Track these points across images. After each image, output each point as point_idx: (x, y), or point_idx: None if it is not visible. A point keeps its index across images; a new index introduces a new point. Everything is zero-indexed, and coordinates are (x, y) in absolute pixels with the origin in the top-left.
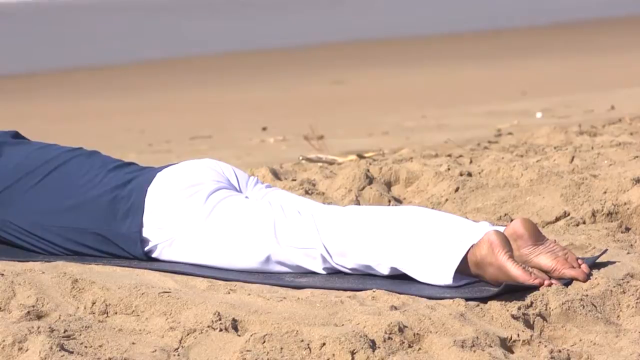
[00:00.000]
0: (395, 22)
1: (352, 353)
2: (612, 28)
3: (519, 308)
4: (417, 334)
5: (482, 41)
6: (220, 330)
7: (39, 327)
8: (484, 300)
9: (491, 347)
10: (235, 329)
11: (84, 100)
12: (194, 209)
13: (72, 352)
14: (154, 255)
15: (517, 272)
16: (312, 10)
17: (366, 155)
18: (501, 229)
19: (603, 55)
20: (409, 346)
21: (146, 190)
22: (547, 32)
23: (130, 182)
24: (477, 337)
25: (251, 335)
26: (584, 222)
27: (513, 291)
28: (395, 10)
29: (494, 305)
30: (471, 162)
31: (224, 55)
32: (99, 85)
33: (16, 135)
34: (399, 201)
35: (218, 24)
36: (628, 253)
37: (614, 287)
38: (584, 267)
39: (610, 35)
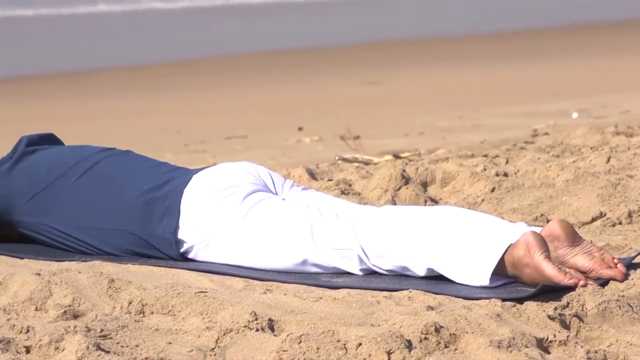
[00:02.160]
0: (431, 22)
1: (389, 353)
2: None
3: (556, 308)
4: (454, 334)
5: (517, 41)
6: (257, 330)
7: (75, 327)
8: (521, 300)
9: (527, 347)
10: (272, 329)
11: (119, 99)
12: (230, 210)
13: (108, 352)
14: (190, 256)
15: (553, 273)
16: (347, 9)
17: (402, 155)
18: (538, 229)
19: (638, 55)
20: (445, 346)
21: (182, 192)
22: (581, 32)
23: (166, 184)
24: (514, 338)
25: (287, 335)
26: (620, 223)
27: (549, 292)
28: (430, 10)
29: (531, 305)
30: (507, 162)
31: (260, 55)
32: (134, 85)
33: (52, 138)
34: (435, 201)
35: (254, 24)
36: None
37: None
38: (621, 267)
39: None
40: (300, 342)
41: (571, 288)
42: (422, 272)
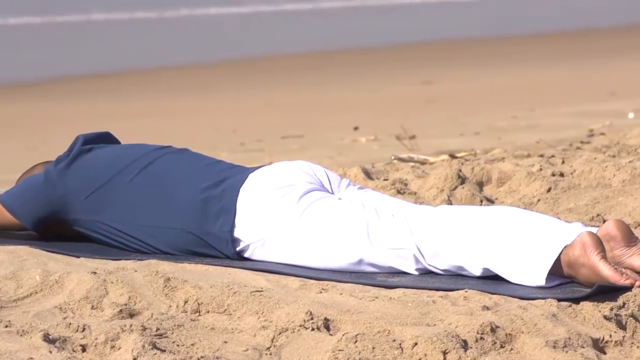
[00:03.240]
0: (484, 21)
1: (444, 353)
2: None
3: (612, 309)
4: (509, 334)
5: (573, 41)
6: (313, 329)
7: (131, 326)
8: (576, 301)
9: (583, 347)
10: (327, 328)
11: (175, 98)
12: (286, 209)
13: (164, 351)
14: (246, 255)
15: (609, 273)
16: (401, 11)
17: (458, 155)
18: (594, 230)
19: None
20: (501, 346)
21: (239, 191)
22: (638, 31)
23: (222, 182)
24: (569, 338)
25: (343, 335)
26: None
27: (605, 292)
28: (484, 9)
29: (586, 306)
30: (563, 162)
31: (316, 54)
32: (191, 84)
33: (108, 136)
34: (491, 201)
35: (311, 25)
36: None
37: None
38: None
39: None
40: (356, 341)
41: (627, 288)
42: (477, 272)
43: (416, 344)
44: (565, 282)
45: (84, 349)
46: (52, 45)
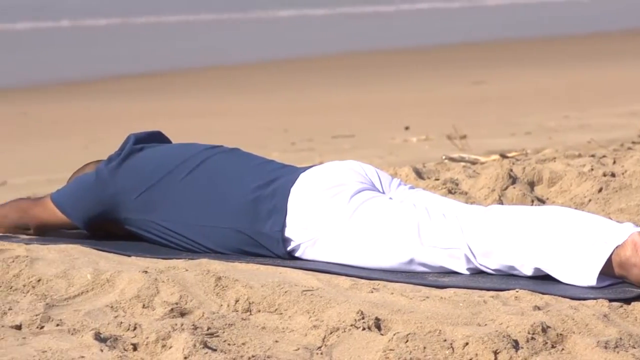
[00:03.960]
0: (535, 21)
1: (495, 353)
2: None
3: None
4: (560, 334)
5: (624, 40)
6: (364, 329)
7: (182, 325)
8: (628, 301)
9: (635, 348)
10: (378, 327)
11: (227, 98)
12: (337, 209)
13: (215, 350)
14: (296, 254)
15: None
16: (452, 11)
17: (509, 155)
18: None
19: None
20: (552, 346)
21: (289, 191)
22: None
23: (273, 182)
24: (621, 338)
25: (394, 335)
26: None
27: None
28: (534, 9)
29: (638, 306)
30: (614, 162)
31: (366, 54)
32: (242, 84)
33: (159, 135)
34: (542, 201)
35: (362, 25)
36: None
37: None
38: None
39: None
40: (407, 341)
41: None
42: (529, 272)
43: (467, 343)
44: (617, 282)
45: (135, 347)
46: (104, 45)
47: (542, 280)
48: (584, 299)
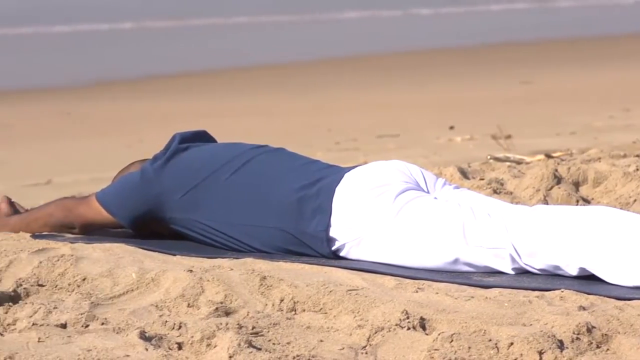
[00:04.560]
0: (582, 21)
1: (540, 353)
2: None
3: None
4: (606, 334)
5: None
6: (408, 328)
7: (227, 324)
8: None
9: None
10: (423, 327)
11: (271, 97)
12: (382, 208)
13: (260, 349)
14: (341, 254)
15: None
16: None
17: (554, 155)
18: None
19: None
20: (597, 347)
21: (334, 191)
22: None
23: (318, 182)
24: None
25: (439, 334)
26: None
27: None
28: (581, 9)
29: None
30: None
31: (410, 54)
32: (286, 83)
33: (204, 135)
34: (587, 201)
35: (404, 25)
36: None
37: None
38: None
39: None
40: (452, 341)
41: None
42: (574, 272)
43: (512, 343)
44: None
45: (179, 346)
46: (151, 44)
47: (587, 280)
48: (630, 299)
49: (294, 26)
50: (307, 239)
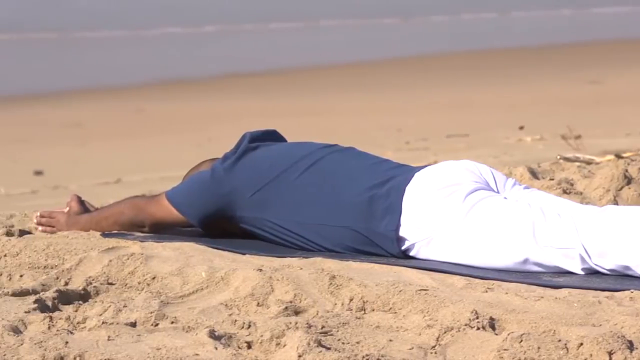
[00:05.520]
0: None
1: (610, 354)
2: None
3: None
4: None
5: None
6: (478, 328)
7: (296, 323)
8: None
9: None
10: (493, 327)
11: (341, 97)
12: (452, 208)
13: (329, 349)
14: (411, 253)
15: None
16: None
17: (624, 155)
18: None
19: None
20: None
21: (404, 190)
22: None
23: (388, 181)
24: None
25: (508, 334)
26: None
27: None
28: None
29: None
30: None
31: (480, 54)
32: (357, 83)
33: (274, 134)
34: None
35: (476, 25)
36: None
37: None
38: None
39: None
40: (521, 341)
41: None
42: None
43: (582, 344)
44: None
45: (249, 345)
46: (223, 45)
47: None
48: None
49: (365, 28)
50: (377, 239)
